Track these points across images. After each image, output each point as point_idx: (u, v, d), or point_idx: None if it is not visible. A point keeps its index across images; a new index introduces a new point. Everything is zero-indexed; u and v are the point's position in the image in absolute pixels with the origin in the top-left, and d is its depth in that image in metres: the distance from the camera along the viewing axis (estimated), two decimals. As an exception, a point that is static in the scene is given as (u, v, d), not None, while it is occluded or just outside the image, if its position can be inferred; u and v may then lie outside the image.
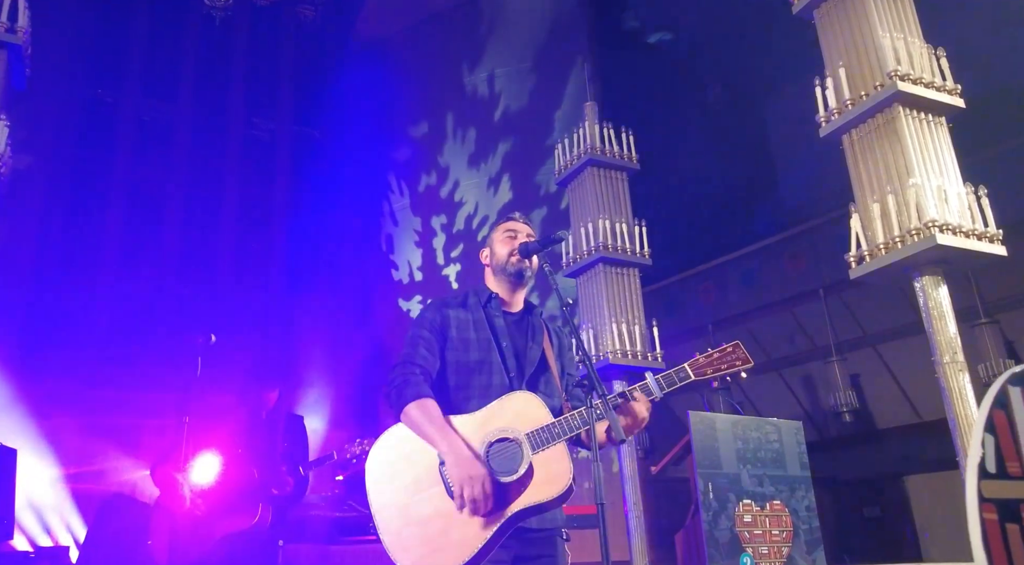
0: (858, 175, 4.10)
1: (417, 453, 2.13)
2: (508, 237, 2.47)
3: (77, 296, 8.04)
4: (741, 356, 2.28)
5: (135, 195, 9.76)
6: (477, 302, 2.42)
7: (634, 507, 5.13)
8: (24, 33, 4.28)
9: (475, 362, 2.30)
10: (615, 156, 5.79)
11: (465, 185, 10.47)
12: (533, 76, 10.31)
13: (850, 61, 4.20)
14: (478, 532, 2.03)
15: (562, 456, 2.10)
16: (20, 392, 6.28)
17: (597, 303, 5.50)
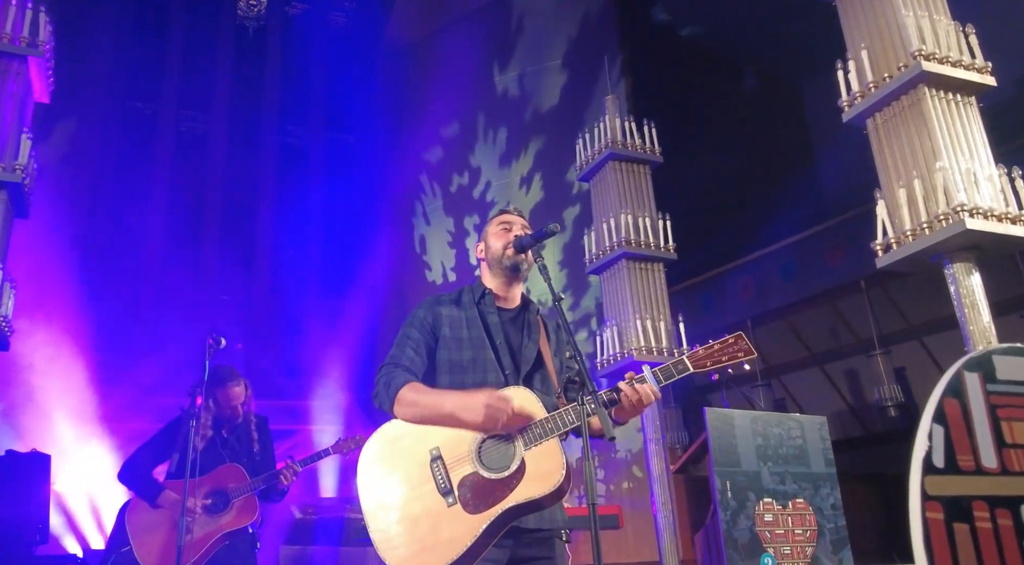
0: (883, 160, 3.95)
1: (409, 450, 2.10)
2: (503, 230, 2.42)
3: (118, 302, 8.24)
4: (743, 348, 2.19)
5: (174, 203, 9.96)
6: (471, 299, 2.37)
7: (663, 507, 5.03)
8: (46, 47, 4.37)
9: (469, 361, 2.25)
10: (637, 149, 5.69)
11: (497, 185, 10.46)
12: (563, 74, 10.25)
13: (873, 42, 4.04)
14: (468, 530, 1.98)
15: (555, 452, 2.05)
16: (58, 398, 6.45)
17: (621, 299, 5.41)
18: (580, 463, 6.11)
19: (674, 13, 11.52)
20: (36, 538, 4.73)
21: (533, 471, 2.02)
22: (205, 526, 3.25)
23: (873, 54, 4.01)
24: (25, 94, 4.34)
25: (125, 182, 9.51)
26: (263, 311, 10.02)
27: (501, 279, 2.37)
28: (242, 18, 12.10)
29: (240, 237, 10.43)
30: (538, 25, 10.52)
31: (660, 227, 5.60)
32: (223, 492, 3.33)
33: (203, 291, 9.35)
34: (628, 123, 5.76)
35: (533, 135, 10.19)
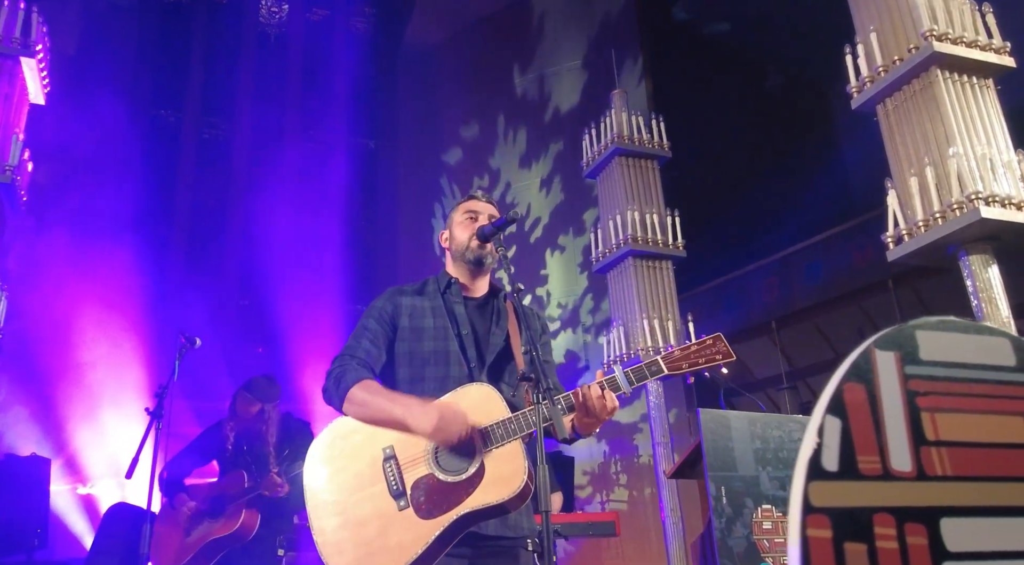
0: (894, 148, 3.74)
1: (360, 447, 1.98)
2: (469, 219, 2.29)
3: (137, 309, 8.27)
4: (721, 350, 2.05)
5: (198, 210, 10.02)
6: (436, 289, 2.25)
7: (671, 513, 4.85)
8: (39, 48, 4.35)
9: (430, 352, 2.13)
10: (644, 144, 5.52)
11: (517, 187, 10.35)
12: (584, 74, 10.13)
13: (882, 24, 3.84)
14: (419, 536, 1.85)
15: (516, 454, 1.90)
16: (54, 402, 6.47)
17: (627, 298, 5.24)
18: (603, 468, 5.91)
19: (695, 12, 11.32)
20: (35, 542, 4.71)
21: (493, 474, 1.88)
22: (200, 532, 3.21)
23: (883, 36, 3.80)
24: (18, 95, 4.33)
25: (149, 190, 9.57)
26: (283, 316, 10.00)
27: (465, 270, 2.25)
28: (263, 25, 12.16)
29: (261, 243, 10.44)
30: (558, 26, 10.42)
31: (669, 224, 5.42)
32: (221, 498, 3.26)
33: (225, 297, 9.37)
34: (635, 118, 5.59)
35: (553, 136, 10.07)
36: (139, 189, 9.14)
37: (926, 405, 0.70)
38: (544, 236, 9.94)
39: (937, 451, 0.69)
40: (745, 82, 10.80)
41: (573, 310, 9.49)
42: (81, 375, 6.82)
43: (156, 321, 7.53)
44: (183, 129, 10.64)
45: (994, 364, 0.74)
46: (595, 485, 8.80)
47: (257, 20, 12.04)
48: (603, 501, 8.67)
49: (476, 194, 2.36)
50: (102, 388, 6.90)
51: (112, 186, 8.55)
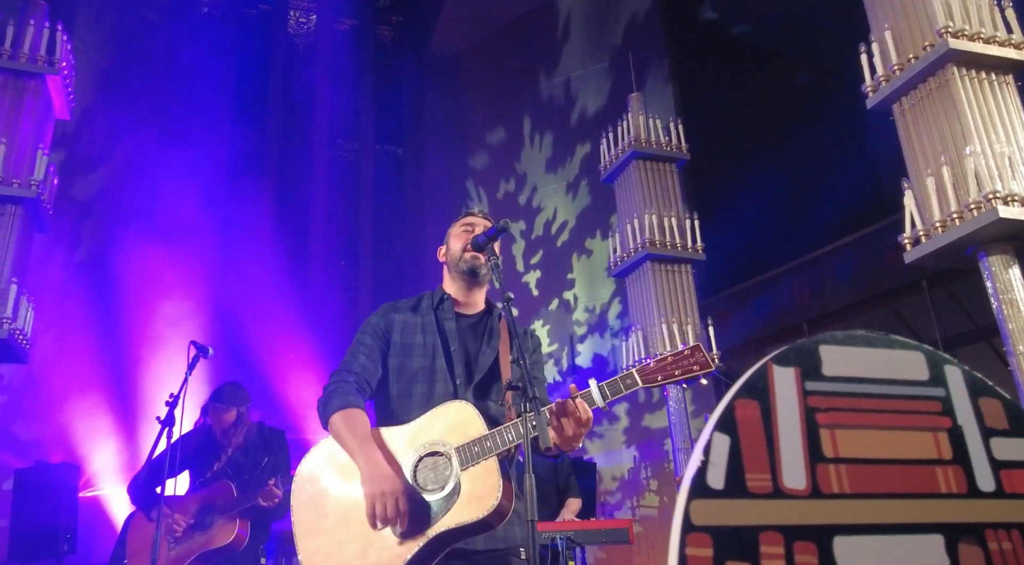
0: (910, 147, 3.66)
1: (345, 467, 2.01)
2: (464, 231, 2.32)
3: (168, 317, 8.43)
4: (699, 360, 2.01)
5: (229, 219, 10.19)
6: (429, 305, 2.27)
7: (691, 520, 4.77)
8: (64, 65, 4.48)
9: (418, 369, 2.15)
10: (662, 147, 5.47)
11: (543, 191, 10.35)
12: (610, 77, 10.09)
13: (897, 21, 3.76)
14: (396, 555, 1.86)
15: (491, 473, 1.90)
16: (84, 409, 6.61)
17: (646, 303, 5.20)
18: (633, 474, 5.84)
19: (722, 11, 11.20)
20: (64, 547, 4.82)
21: (468, 493, 1.88)
22: (188, 544, 3.22)
23: (898, 34, 3.73)
24: (44, 111, 4.46)
25: (180, 200, 9.75)
26: (310, 324, 10.12)
27: (460, 283, 2.27)
28: (292, 35, 12.35)
29: (291, 252, 10.58)
30: (583, 29, 10.40)
31: (688, 227, 5.37)
32: (210, 509, 3.28)
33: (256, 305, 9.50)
34: (653, 121, 5.55)
35: (579, 140, 10.05)
36: (166, 200, 9.34)
37: (826, 421, 0.69)
38: (571, 240, 9.91)
39: (835, 468, 0.68)
40: (773, 81, 10.65)
41: (600, 314, 9.44)
42: (111, 383, 6.97)
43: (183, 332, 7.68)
44: (214, 140, 10.83)
45: (905, 379, 0.72)
46: (624, 491, 8.73)
47: (286, 31, 12.23)
48: (633, 507, 8.60)
49: (473, 210, 2.40)
50: (132, 396, 7.06)
51: (139, 198, 8.73)
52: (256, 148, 11.13)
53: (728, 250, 8.49)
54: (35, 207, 4.29)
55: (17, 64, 4.36)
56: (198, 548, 3.21)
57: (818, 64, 10.98)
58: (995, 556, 0.66)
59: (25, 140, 4.29)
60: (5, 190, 4.18)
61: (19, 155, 4.25)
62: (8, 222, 4.18)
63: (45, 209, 4.35)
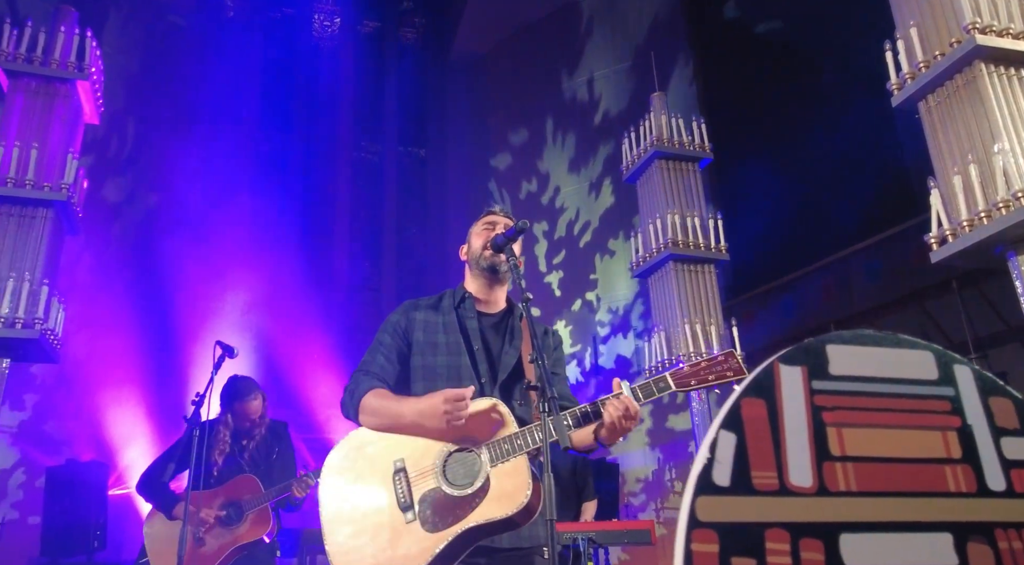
0: (937, 145, 3.61)
1: (372, 460, 2.02)
2: (485, 230, 2.34)
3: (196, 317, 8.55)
4: (733, 366, 2.02)
5: (253, 221, 10.30)
6: (451, 303, 2.28)
7: (715, 521, 4.75)
8: (94, 71, 4.56)
9: (443, 367, 2.16)
10: (685, 146, 5.45)
11: (566, 191, 10.33)
12: (633, 77, 10.04)
13: (923, 18, 3.71)
14: (424, 549, 1.88)
15: (522, 470, 1.92)
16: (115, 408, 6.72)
17: (668, 303, 5.17)
18: (657, 475, 5.83)
19: (746, 9, 11.11)
20: (95, 544, 4.91)
21: (497, 490, 1.90)
22: (219, 538, 3.25)
23: (923, 31, 3.68)
24: (74, 117, 4.55)
25: (208, 202, 9.88)
26: (333, 325, 10.20)
27: (481, 281, 2.28)
28: (316, 38, 12.45)
29: (316, 253, 10.68)
30: (606, 29, 10.36)
31: (711, 227, 5.33)
32: (237, 503, 3.32)
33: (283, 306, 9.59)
34: (675, 120, 5.52)
35: (602, 139, 10.01)
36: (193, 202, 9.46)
37: (833, 420, 0.69)
38: (593, 240, 9.88)
39: (842, 466, 0.68)
40: (797, 79, 10.54)
41: (624, 314, 9.40)
42: (140, 382, 7.08)
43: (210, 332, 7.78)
44: (241, 144, 10.95)
45: (913, 378, 0.72)
46: (648, 493, 8.68)
47: (310, 33, 12.33)
48: (657, 509, 8.56)
49: (494, 208, 2.41)
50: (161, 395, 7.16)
51: (166, 200, 8.86)
52: (280, 150, 11.23)
53: (752, 250, 8.41)
54: (66, 210, 4.38)
55: (48, 70, 4.45)
56: (232, 542, 3.25)
57: (843, 62, 10.85)
58: (1005, 555, 0.66)
59: (56, 145, 4.38)
60: (36, 193, 4.28)
61: (50, 159, 4.35)
62: (40, 225, 4.28)
63: (75, 212, 4.44)
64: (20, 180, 4.25)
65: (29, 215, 4.28)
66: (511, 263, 2.16)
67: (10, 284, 4.08)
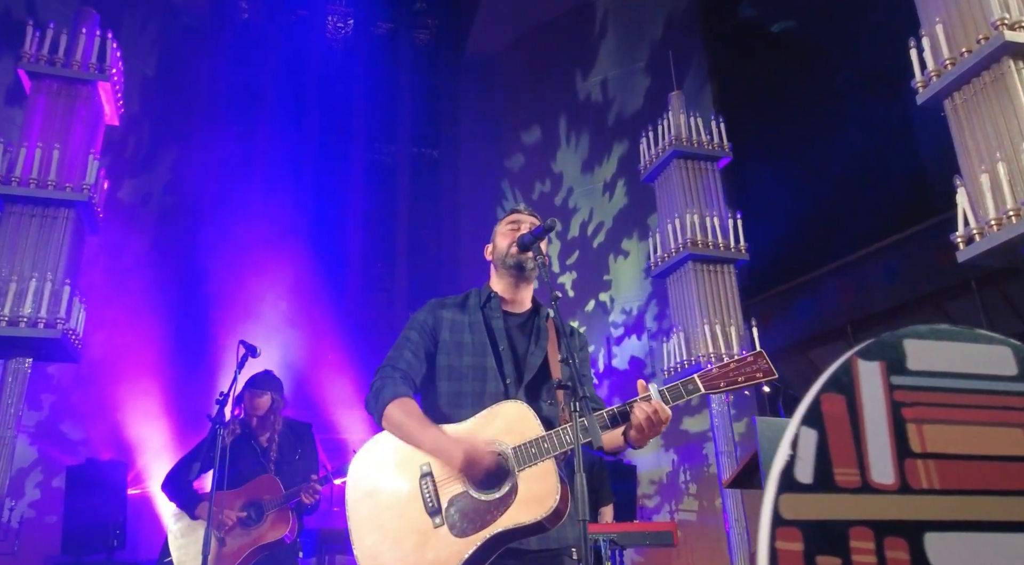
0: (963, 144, 3.57)
1: (399, 464, 2.01)
2: (511, 229, 2.32)
3: (212, 318, 8.58)
4: (763, 367, 1.99)
5: (267, 222, 10.33)
6: (477, 303, 2.27)
7: (736, 523, 4.73)
8: (115, 72, 4.58)
9: (468, 367, 2.14)
10: (703, 146, 5.41)
11: (579, 191, 10.30)
12: (647, 77, 10.01)
13: (949, 15, 3.67)
14: (453, 553, 1.87)
15: (549, 474, 1.90)
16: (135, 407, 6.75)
17: (688, 303, 5.14)
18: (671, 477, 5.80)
19: (761, 9, 11.06)
20: (114, 543, 4.93)
21: (525, 494, 1.88)
22: (240, 538, 3.25)
23: (950, 28, 3.64)
24: (95, 118, 4.57)
25: (225, 204, 9.92)
26: (351, 324, 10.22)
27: (508, 281, 2.26)
28: (330, 39, 12.48)
29: (329, 255, 10.70)
30: (620, 28, 10.32)
31: (731, 227, 5.30)
32: (259, 504, 3.31)
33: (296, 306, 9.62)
34: (694, 119, 5.49)
35: (616, 139, 9.98)
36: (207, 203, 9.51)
37: (912, 416, 0.67)
38: (607, 241, 9.84)
39: (923, 463, 0.66)
40: (813, 78, 10.48)
41: (638, 316, 9.36)
42: (159, 382, 7.11)
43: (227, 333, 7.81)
44: (255, 144, 10.99)
45: (992, 373, 0.70)
46: (663, 495, 8.64)
47: (324, 35, 12.36)
48: (672, 511, 8.52)
49: (519, 207, 2.40)
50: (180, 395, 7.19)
51: (181, 201, 8.90)
52: (294, 151, 11.26)
53: (767, 251, 8.38)
54: (87, 210, 4.40)
55: (70, 72, 4.48)
56: (252, 542, 3.25)
57: (860, 61, 10.79)
58: (1093, 555, 0.64)
59: (77, 145, 4.41)
60: (58, 194, 4.30)
61: (71, 160, 4.37)
62: (61, 225, 4.30)
63: (96, 212, 4.46)
64: (42, 181, 4.28)
65: (51, 215, 4.30)
66: (539, 261, 2.16)
67: (32, 284, 4.11)
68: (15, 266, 4.15)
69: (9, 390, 4.06)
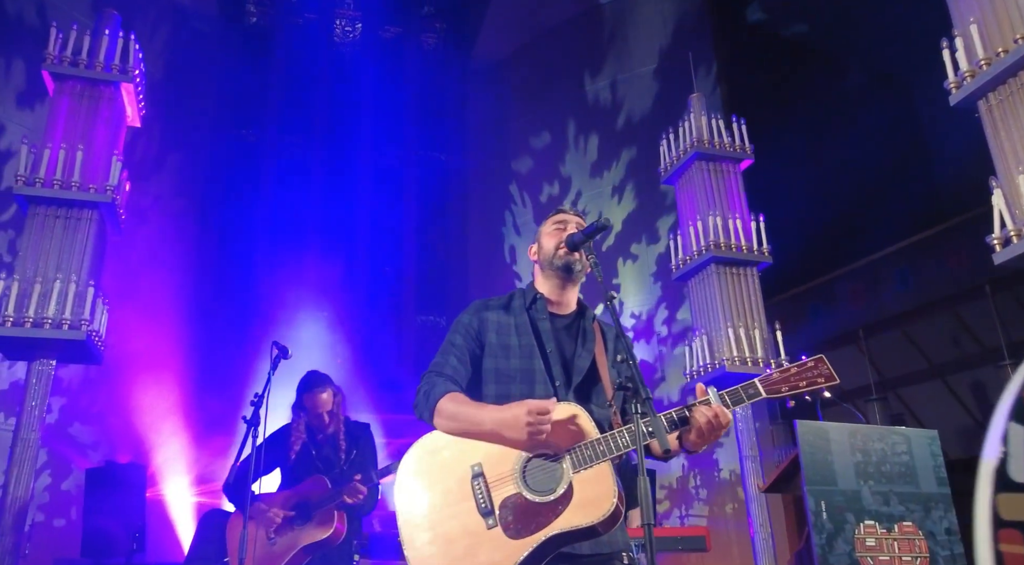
0: (999, 144, 3.54)
1: (449, 464, 1.98)
2: (557, 229, 2.29)
3: (220, 318, 8.56)
4: (824, 372, 1.97)
5: (275, 226, 10.31)
6: (522, 304, 2.23)
7: (760, 528, 4.69)
8: (137, 74, 4.56)
9: (516, 370, 2.11)
10: (725, 148, 5.39)
11: (588, 195, 10.28)
12: (656, 80, 9.99)
13: (984, 15, 3.65)
14: (507, 555, 1.83)
15: (605, 477, 1.87)
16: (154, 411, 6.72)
17: (711, 307, 5.11)
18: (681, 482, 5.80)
19: (771, 12, 11.06)
20: (133, 546, 4.89)
21: (581, 497, 1.85)
22: (287, 538, 3.26)
23: (985, 28, 3.61)
24: (117, 119, 4.55)
25: (232, 209, 9.90)
26: (360, 328, 10.18)
27: (554, 281, 2.23)
28: (338, 44, 12.47)
29: (338, 258, 10.68)
30: (630, 32, 10.30)
31: (753, 229, 5.27)
32: (306, 504, 3.31)
33: (304, 310, 9.58)
34: (715, 121, 5.47)
35: (625, 143, 9.96)
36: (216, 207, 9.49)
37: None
38: (616, 245, 9.81)
39: None
40: (827, 82, 10.48)
41: (647, 320, 9.33)
42: (177, 386, 7.08)
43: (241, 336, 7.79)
44: (263, 148, 10.98)
45: None
46: (672, 500, 8.60)
47: (331, 39, 12.35)
48: (682, 516, 8.48)
49: (564, 207, 2.38)
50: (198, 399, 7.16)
51: (189, 205, 8.89)
52: (302, 155, 11.25)
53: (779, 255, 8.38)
54: (111, 211, 4.37)
55: (93, 73, 4.46)
56: (299, 542, 3.24)
57: (869, 65, 10.79)
58: None
59: (100, 147, 4.38)
60: (82, 195, 4.28)
61: (95, 161, 4.35)
62: (85, 226, 4.27)
63: (119, 214, 4.43)
64: (66, 182, 4.25)
65: (75, 216, 4.28)
66: (591, 261, 2.13)
67: (57, 285, 4.08)
68: (39, 267, 4.13)
69: (32, 392, 4.03)
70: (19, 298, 4.07)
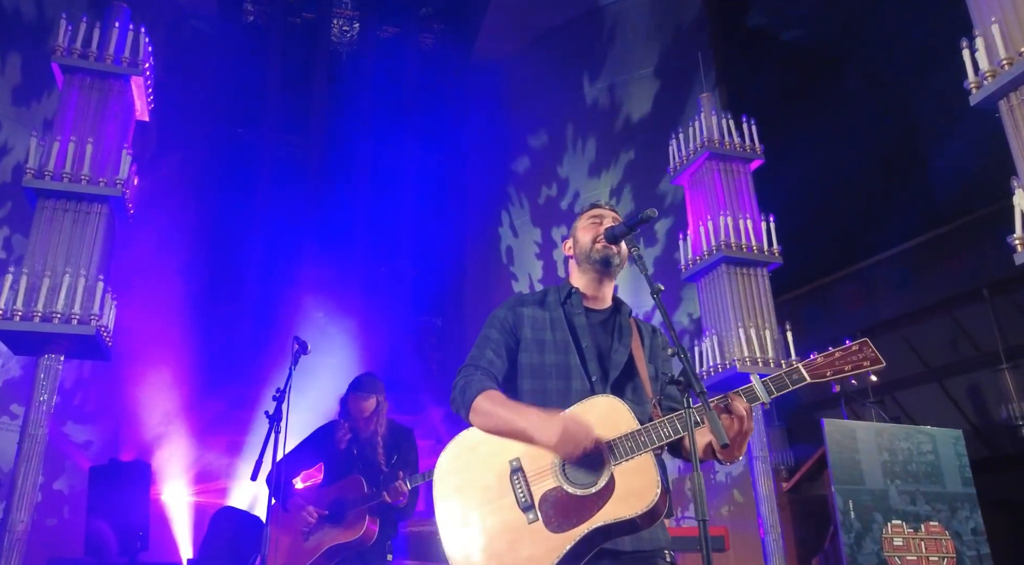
0: (1020, 144, 3.54)
1: (487, 459, 1.95)
2: (593, 223, 2.26)
3: (219, 317, 8.50)
4: (869, 356, 1.93)
5: (274, 224, 10.26)
6: (557, 299, 2.20)
7: (771, 530, 4.66)
8: (147, 67, 4.50)
9: (552, 365, 2.08)
10: (736, 148, 5.39)
11: (586, 196, 10.27)
12: (655, 83, 10.00)
13: (1005, 14, 3.65)
14: (550, 549, 1.80)
15: (648, 468, 1.84)
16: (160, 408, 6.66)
17: (721, 307, 5.11)
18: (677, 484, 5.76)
19: (771, 16, 11.10)
20: (138, 545, 4.83)
21: (623, 489, 1.82)
22: (320, 536, 3.26)
23: (1006, 27, 3.62)
24: (126, 112, 4.49)
25: (229, 207, 9.84)
26: (360, 329, 10.14)
27: (591, 276, 2.20)
28: (336, 43, 12.42)
29: (335, 257, 10.63)
30: (630, 35, 10.32)
31: (764, 229, 5.27)
32: (342, 503, 3.30)
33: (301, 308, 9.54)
34: (725, 121, 5.47)
35: (623, 145, 9.96)
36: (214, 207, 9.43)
37: None
38: (613, 246, 9.78)
39: None
40: (826, 86, 10.52)
41: (645, 321, 9.32)
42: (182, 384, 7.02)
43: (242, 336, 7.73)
44: (262, 147, 10.92)
45: None
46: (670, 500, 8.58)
47: (329, 39, 12.31)
48: (678, 518, 8.48)
49: (599, 202, 2.36)
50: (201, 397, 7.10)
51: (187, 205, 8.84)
52: (300, 155, 11.20)
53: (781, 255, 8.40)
54: (120, 206, 4.32)
55: (103, 66, 4.40)
56: (329, 540, 3.25)
57: (868, 69, 10.85)
58: None
59: (110, 140, 4.33)
60: (92, 189, 4.22)
61: (104, 154, 4.29)
62: (94, 220, 4.22)
63: (128, 208, 4.38)
64: (75, 175, 4.19)
65: (84, 210, 4.22)
66: (635, 254, 2.11)
67: (66, 279, 4.02)
68: (48, 261, 4.07)
69: (40, 387, 3.96)
70: (28, 292, 4.01)
